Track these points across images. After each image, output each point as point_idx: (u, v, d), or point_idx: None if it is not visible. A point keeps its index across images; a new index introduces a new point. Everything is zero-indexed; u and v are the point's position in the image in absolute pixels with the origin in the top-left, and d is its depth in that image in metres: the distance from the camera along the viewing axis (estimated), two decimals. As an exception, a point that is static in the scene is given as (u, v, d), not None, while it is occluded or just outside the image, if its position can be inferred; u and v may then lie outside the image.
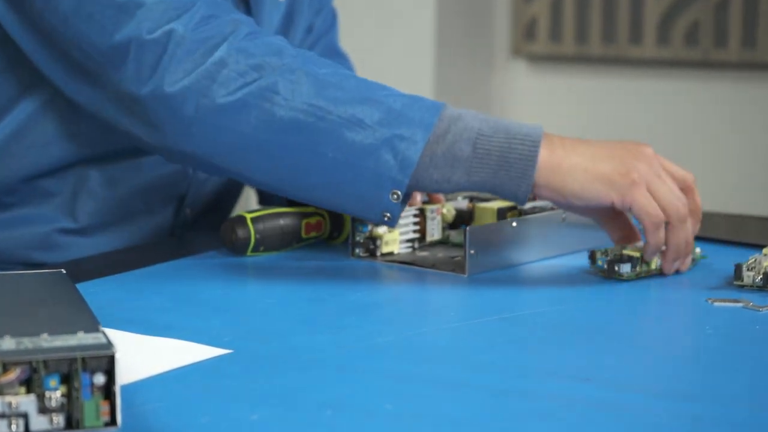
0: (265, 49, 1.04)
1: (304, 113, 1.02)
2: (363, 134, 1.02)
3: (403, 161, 1.01)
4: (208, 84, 1.03)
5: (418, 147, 1.01)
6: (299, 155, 1.03)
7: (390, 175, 1.02)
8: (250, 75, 1.03)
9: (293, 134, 1.02)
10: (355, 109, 1.02)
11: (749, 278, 1.04)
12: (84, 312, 0.77)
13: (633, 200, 1.02)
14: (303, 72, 1.03)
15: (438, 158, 1.02)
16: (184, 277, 1.07)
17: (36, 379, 0.67)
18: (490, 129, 1.02)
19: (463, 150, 1.02)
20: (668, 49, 2.58)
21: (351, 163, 1.02)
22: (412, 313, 1.01)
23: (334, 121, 1.02)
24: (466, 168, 1.02)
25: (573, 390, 0.78)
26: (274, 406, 0.75)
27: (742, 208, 2.18)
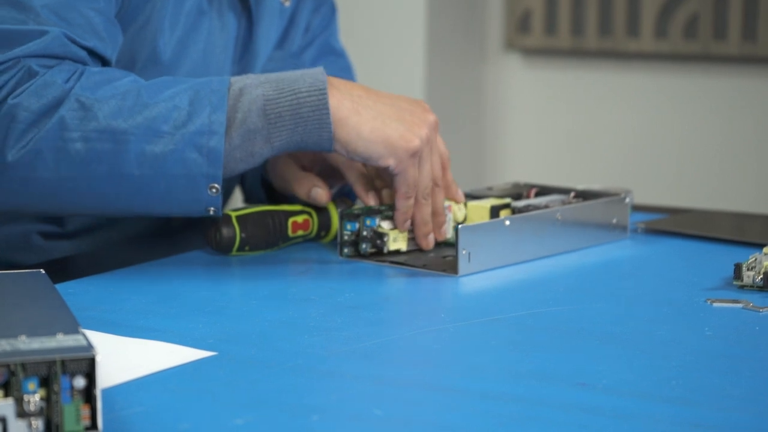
0: (48, 89, 1.02)
1: (99, 141, 1.02)
2: (163, 143, 1.02)
3: (210, 154, 1.03)
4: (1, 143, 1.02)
5: (219, 136, 1.02)
6: (109, 182, 1.03)
7: (202, 172, 1.03)
8: (38, 120, 1.02)
9: (95, 164, 1.02)
10: (148, 121, 1.02)
11: (749, 278, 1.02)
12: (63, 313, 0.76)
13: (405, 170, 1.07)
14: (89, 99, 1.02)
15: (235, 139, 1.03)
16: (166, 277, 1.07)
17: (14, 382, 0.66)
18: (275, 91, 1.04)
19: (255, 122, 1.04)
20: (667, 42, 2.58)
21: (160, 174, 1.03)
22: (402, 314, 1.01)
23: (131, 139, 1.02)
24: (265, 137, 1.04)
25: (568, 395, 0.78)
26: (259, 410, 0.74)
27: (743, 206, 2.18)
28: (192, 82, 1.05)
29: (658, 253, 1.20)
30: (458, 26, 2.69)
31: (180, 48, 1.17)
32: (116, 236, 1.22)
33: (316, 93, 1.04)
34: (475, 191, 1.23)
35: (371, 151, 1.05)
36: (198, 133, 1.02)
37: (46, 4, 1.04)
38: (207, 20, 1.20)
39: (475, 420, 0.73)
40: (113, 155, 1.02)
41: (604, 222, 1.21)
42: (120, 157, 1.02)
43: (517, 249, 1.12)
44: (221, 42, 1.21)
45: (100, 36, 1.08)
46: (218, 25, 1.21)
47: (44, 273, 0.87)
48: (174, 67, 1.17)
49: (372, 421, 0.73)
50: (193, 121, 1.02)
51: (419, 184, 1.09)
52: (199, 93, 1.03)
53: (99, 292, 1.01)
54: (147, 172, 1.02)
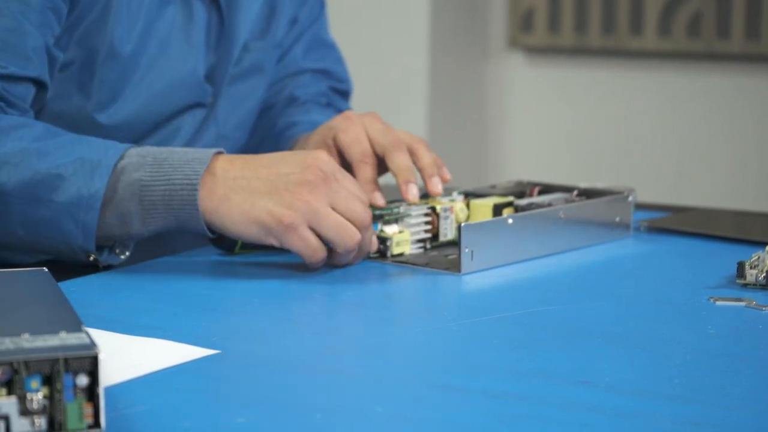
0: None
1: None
2: (43, 209, 1.04)
3: (84, 227, 1.04)
4: None
5: (94, 212, 1.03)
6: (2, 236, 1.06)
7: (77, 243, 1.05)
8: None
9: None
10: (30, 185, 1.04)
11: (752, 276, 1.02)
12: (66, 311, 0.76)
13: (289, 245, 1.03)
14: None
15: (112, 220, 1.05)
16: (170, 275, 1.06)
17: (17, 380, 0.66)
18: (152, 177, 1.04)
19: (129, 207, 1.04)
20: (670, 40, 2.57)
21: (42, 237, 1.05)
22: (405, 313, 1.00)
23: (14, 201, 1.04)
24: (139, 220, 1.05)
25: (569, 393, 0.77)
26: (262, 408, 0.74)
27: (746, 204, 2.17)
28: (83, 150, 1.05)
29: (661, 252, 1.19)
30: (461, 24, 2.69)
31: (141, 40, 1.17)
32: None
33: (188, 187, 1.03)
34: (478, 189, 1.23)
35: (248, 234, 1.04)
36: (75, 204, 1.03)
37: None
38: (171, 10, 1.19)
39: (477, 418, 0.73)
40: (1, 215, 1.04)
41: (607, 220, 1.21)
42: (5, 216, 1.04)
43: (519, 247, 1.12)
44: (188, 32, 1.20)
45: (26, 57, 1.08)
46: (184, 14, 1.20)
47: (47, 271, 0.87)
48: (135, 60, 1.17)
49: (374, 419, 0.73)
50: (72, 191, 1.03)
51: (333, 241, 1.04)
52: (85, 163, 1.04)
53: (102, 291, 1.01)
54: (30, 233, 1.05)
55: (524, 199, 1.19)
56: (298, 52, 1.35)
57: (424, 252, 1.14)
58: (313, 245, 1.03)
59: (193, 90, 1.23)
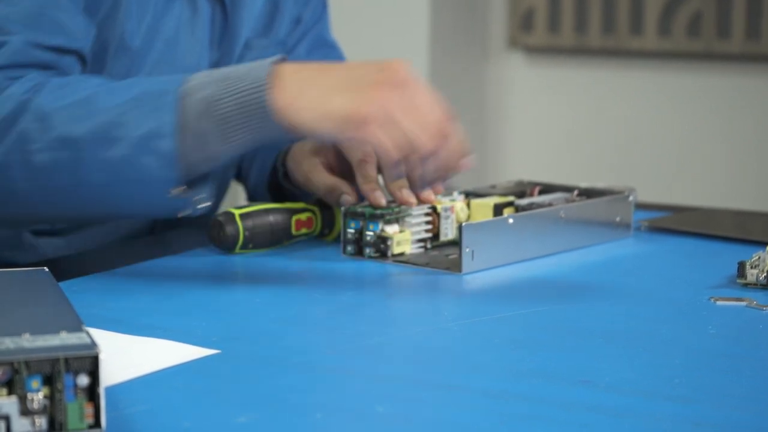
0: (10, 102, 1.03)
1: (58, 150, 1.02)
2: (116, 148, 1.01)
3: (163, 157, 1.01)
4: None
5: (169, 138, 1.01)
6: (72, 191, 1.03)
7: (157, 176, 1.01)
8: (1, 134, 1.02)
9: (58, 173, 1.02)
10: (101, 127, 1.02)
11: (753, 276, 1.02)
12: (67, 311, 0.76)
13: (368, 138, 1.00)
14: (45, 110, 1.02)
15: (191, 144, 1.01)
16: (170, 275, 1.06)
17: (17, 380, 0.66)
18: (219, 91, 1.01)
19: (204, 126, 1.01)
20: (670, 40, 2.57)
21: (119, 180, 1.02)
22: (405, 313, 1.00)
23: (87, 146, 1.02)
24: (219, 138, 1.02)
25: (570, 393, 0.77)
26: (262, 408, 0.74)
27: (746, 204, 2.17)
28: (147, 83, 1.04)
29: (661, 252, 1.19)
30: (461, 24, 2.69)
31: (149, 34, 1.17)
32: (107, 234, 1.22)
33: (258, 88, 1.01)
34: (479, 189, 1.23)
35: (324, 129, 1.00)
36: (148, 137, 1.01)
37: (7, 14, 1.06)
38: (177, 5, 1.19)
39: (478, 418, 0.73)
40: (73, 163, 1.02)
41: (608, 220, 1.21)
42: (79, 164, 1.02)
43: (520, 247, 1.12)
44: (193, 28, 1.21)
45: (67, 32, 1.08)
46: (189, 9, 1.20)
47: (48, 271, 0.87)
48: (143, 54, 1.17)
49: (375, 419, 0.73)
50: (143, 125, 1.01)
51: (405, 143, 1.00)
52: (150, 95, 1.02)
53: (102, 290, 1.01)
54: (106, 179, 1.02)
55: (525, 199, 1.19)
56: (301, 52, 1.35)
57: (424, 252, 1.14)
58: (390, 141, 0.99)
59: None
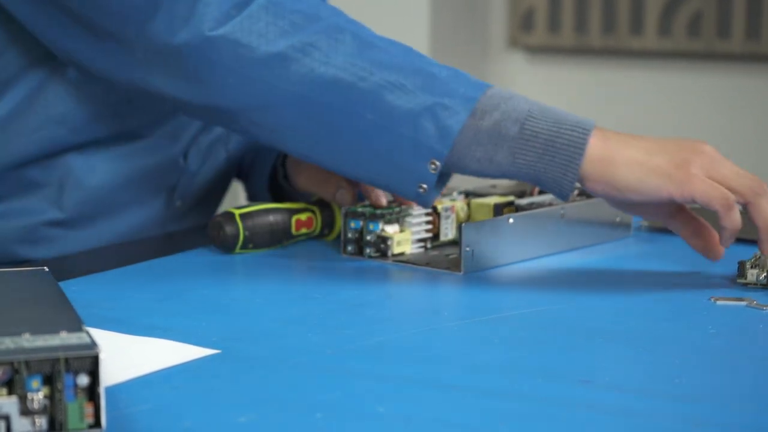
0: (305, 4, 1.03)
1: (345, 72, 1.00)
2: (404, 99, 1.00)
3: (443, 130, 0.99)
4: (246, 34, 1.01)
5: (460, 117, 0.99)
6: (337, 115, 1.01)
7: (429, 144, 0.99)
8: (291, 28, 1.01)
9: (332, 93, 1.00)
10: (398, 73, 1.00)
11: (753, 276, 1.02)
12: (67, 311, 0.76)
13: (693, 189, 0.97)
14: (346, 30, 1.02)
15: (482, 134, 1.00)
16: (170, 275, 1.06)
17: (17, 380, 0.66)
18: (540, 112, 1.00)
19: (509, 129, 0.99)
20: (670, 40, 2.57)
21: (389, 127, 1.00)
22: (406, 312, 1.00)
23: (376, 82, 1.00)
24: (511, 148, 0.99)
25: (572, 392, 0.77)
26: (263, 408, 0.74)
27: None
28: (458, 70, 1.03)
29: (661, 251, 1.19)
30: (461, 24, 2.69)
31: None
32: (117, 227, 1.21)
33: (580, 131, 0.99)
34: (479, 189, 1.23)
35: (645, 184, 0.98)
36: (441, 105, 0.99)
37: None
38: None
39: (479, 417, 0.73)
40: (354, 91, 1.00)
41: (608, 220, 1.21)
42: (361, 94, 1.00)
43: (520, 247, 1.12)
44: None
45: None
46: None
47: (48, 271, 0.87)
48: None
49: (375, 419, 0.73)
50: (442, 93, 1.00)
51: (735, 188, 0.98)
52: (459, 78, 1.02)
53: (102, 290, 1.01)
54: (379, 121, 1.00)
55: (525, 199, 1.19)
56: None
57: (424, 251, 1.14)
58: (719, 188, 0.97)
59: None
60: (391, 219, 1.12)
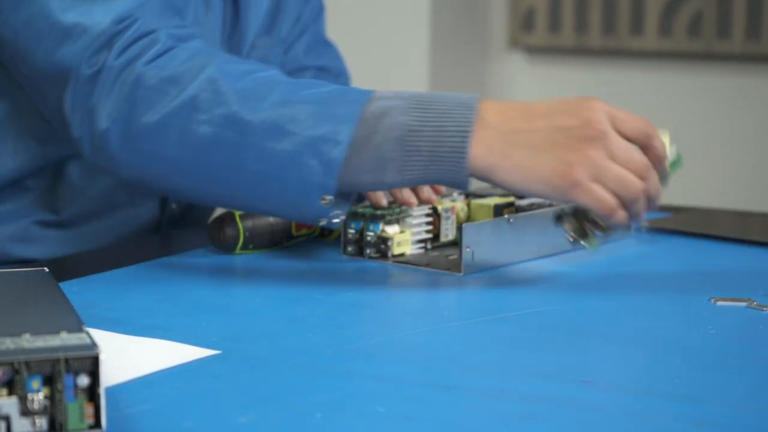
0: (181, 62, 1.03)
1: (224, 128, 1.00)
2: (284, 142, 0.99)
3: (328, 164, 0.99)
4: (128, 109, 1.02)
5: (341, 147, 0.98)
6: (224, 171, 1.01)
7: (315, 181, 0.99)
8: (168, 92, 1.01)
9: (215, 151, 1.01)
10: (276, 116, 1.00)
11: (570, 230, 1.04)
12: (67, 311, 0.76)
13: (576, 198, 0.99)
14: (222, 83, 1.01)
15: (366, 163, 0.99)
16: (170, 275, 1.06)
17: (18, 380, 0.66)
18: (420, 122, 0.99)
19: (391, 151, 0.99)
20: (670, 40, 2.57)
21: (275, 173, 1.00)
22: (406, 313, 1.00)
23: (255, 132, 1.00)
24: (398, 167, 0.99)
25: (572, 392, 0.77)
26: (263, 408, 0.74)
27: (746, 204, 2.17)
28: (331, 87, 1.02)
29: (661, 252, 1.19)
30: (462, 24, 2.69)
31: None
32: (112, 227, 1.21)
33: (460, 135, 0.98)
34: (479, 190, 1.23)
35: (531, 191, 0.99)
36: (321, 139, 0.98)
37: None
38: (192, 2, 1.19)
39: (479, 418, 0.73)
40: (235, 146, 1.00)
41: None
42: (241, 148, 1.00)
43: (520, 247, 1.12)
44: (206, 25, 1.21)
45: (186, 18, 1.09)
46: (203, 6, 1.21)
47: (48, 271, 0.87)
48: None
49: (375, 419, 0.73)
50: (319, 127, 0.99)
51: (617, 194, 0.99)
52: (333, 100, 1.00)
53: (103, 291, 1.01)
54: (264, 169, 1.00)
55: (525, 200, 1.19)
56: (300, 49, 1.36)
57: (425, 252, 1.14)
58: (602, 197, 0.98)
59: None
60: (392, 220, 1.12)
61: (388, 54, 2.58)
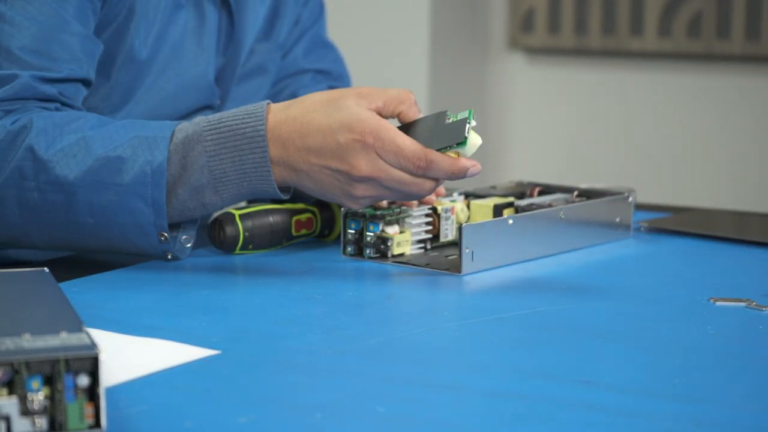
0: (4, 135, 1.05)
1: (51, 192, 1.05)
2: (108, 193, 1.04)
3: (154, 203, 1.04)
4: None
5: (161, 186, 1.04)
6: (66, 228, 1.06)
7: (149, 221, 1.04)
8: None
9: (51, 212, 1.05)
10: (93, 173, 1.04)
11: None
12: (67, 312, 0.76)
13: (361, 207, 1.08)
14: (40, 150, 1.04)
15: (184, 195, 1.05)
16: (170, 275, 1.06)
17: (18, 380, 0.66)
18: (217, 146, 1.04)
19: (199, 179, 1.05)
20: (670, 41, 2.57)
21: (111, 222, 1.05)
22: (405, 313, 1.00)
23: (78, 192, 1.04)
24: (213, 190, 1.05)
25: (571, 392, 0.77)
26: (263, 408, 0.74)
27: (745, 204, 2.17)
28: (137, 130, 1.05)
29: (660, 252, 1.19)
30: (461, 25, 2.69)
31: (156, 44, 1.18)
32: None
33: (258, 149, 1.04)
34: (479, 190, 1.23)
35: (324, 198, 1.07)
36: (141, 183, 1.03)
37: (21, 44, 1.07)
38: (183, 14, 1.20)
39: (479, 418, 0.73)
40: (66, 205, 1.05)
41: (607, 221, 1.21)
42: (72, 207, 1.05)
43: (520, 248, 1.12)
44: (200, 35, 1.21)
45: (76, 59, 1.10)
46: (196, 17, 1.21)
47: (48, 272, 0.87)
48: (150, 64, 1.18)
49: (375, 419, 0.73)
50: (135, 171, 1.03)
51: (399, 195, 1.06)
52: (142, 143, 1.04)
53: (102, 291, 1.01)
54: (99, 221, 1.05)
55: (524, 200, 1.19)
56: (299, 52, 1.36)
57: (424, 252, 1.14)
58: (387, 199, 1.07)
59: (203, 92, 1.24)
60: (391, 220, 1.12)
61: (388, 54, 2.58)
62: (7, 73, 1.07)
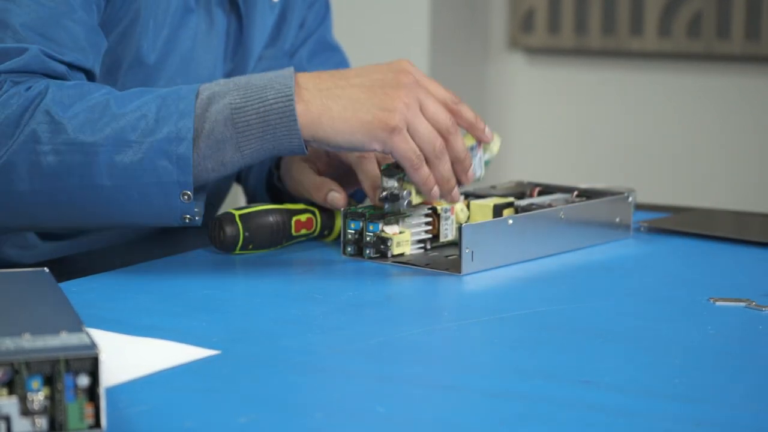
0: (16, 102, 1.03)
1: (69, 153, 1.02)
2: (131, 152, 1.02)
3: (180, 161, 1.02)
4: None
5: (188, 142, 1.02)
6: (82, 193, 1.03)
7: (173, 180, 1.02)
8: (8, 133, 1.02)
9: (66, 176, 1.02)
10: (116, 132, 1.02)
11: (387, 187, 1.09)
12: (67, 312, 0.76)
13: (393, 148, 1.04)
14: (58, 112, 1.02)
15: (204, 150, 1.03)
16: (170, 275, 1.06)
17: (18, 380, 0.66)
18: (243, 98, 1.03)
19: (223, 132, 1.03)
20: (670, 41, 2.57)
21: (132, 184, 1.02)
22: (405, 313, 1.00)
23: (100, 151, 1.02)
24: (234, 146, 1.03)
25: (571, 392, 0.77)
26: (263, 408, 0.74)
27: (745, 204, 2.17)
28: (161, 91, 1.04)
29: (660, 252, 1.19)
30: (462, 25, 2.69)
31: (165, 48, 1.17)
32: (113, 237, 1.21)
33: (283, 99, 1.02)
34: (479, 190, 1.23)
35: (353, 142, 1.03)
36: (166, 140, 1.01)
37: (25, 21, 1.05)
38: (194, 18, 1.19)
39: (479, 418, 0.73)
40: (84, 167, 1.02)
41: (607, 221, 1.21)
42: (91, 168, 1.02)
43: (520, 248, 1.12)
44: (209, 40, 1.21)
45: (81, 48, 1.08)
46: (206, 22, 1.20)
47: (48, 271, 0.87)
48: (159, 69, 1.17)
49: (375, 419, 0.73)
50: (161, 129, 1.01)
51: (422, 148, 1.05)
52: (166, 101, 1.03)
53: (103, 291, 1.01)
54: (118, 183, 1.02)
55: (524, 200, 1.19)
56: (303, 55, 1.36)
57: (424, 252, 1.14)
58: (415, 150, 1.05)
59: None
60: (391, 220, 1.12)
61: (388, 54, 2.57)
62: (17, 46, 1.05)
